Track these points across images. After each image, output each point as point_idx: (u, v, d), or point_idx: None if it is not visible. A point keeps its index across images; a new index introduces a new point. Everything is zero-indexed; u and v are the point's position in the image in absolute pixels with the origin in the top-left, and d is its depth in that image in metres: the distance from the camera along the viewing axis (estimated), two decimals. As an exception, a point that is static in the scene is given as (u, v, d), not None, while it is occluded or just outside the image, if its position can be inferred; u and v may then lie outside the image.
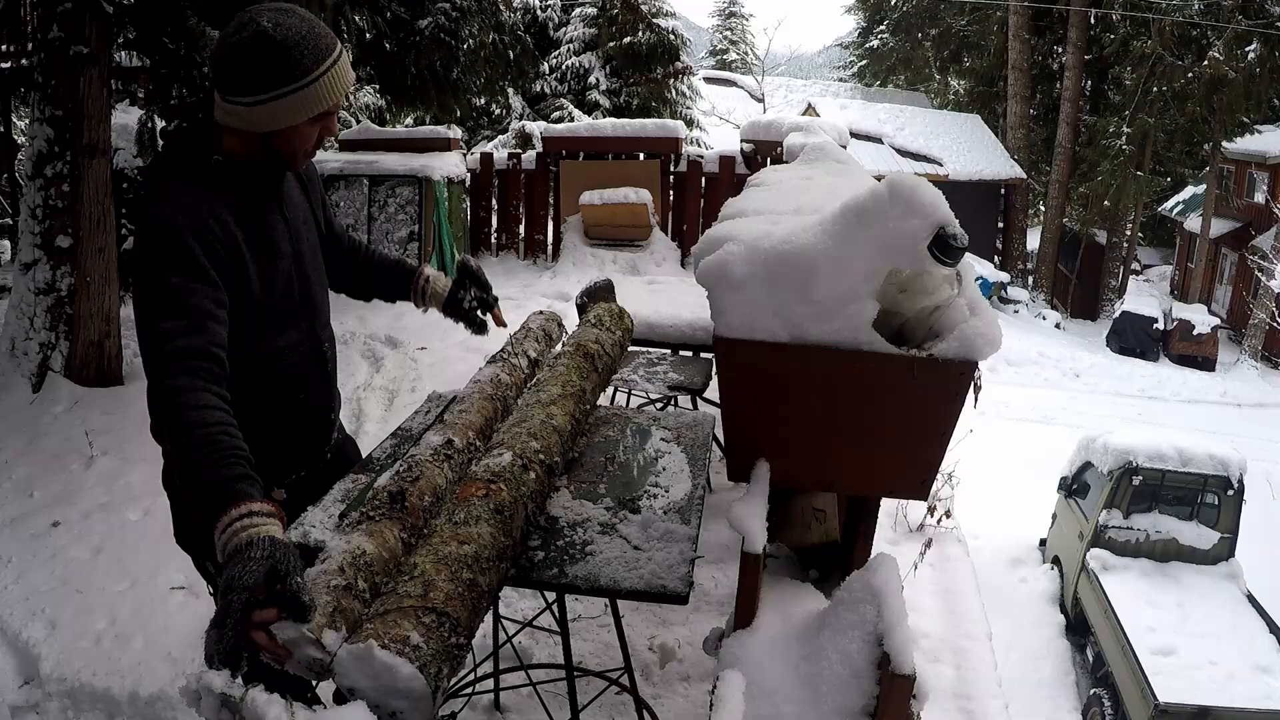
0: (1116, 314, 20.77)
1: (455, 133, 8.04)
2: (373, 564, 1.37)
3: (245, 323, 1.67)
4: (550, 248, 7.93)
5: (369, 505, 1.51)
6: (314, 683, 1.40)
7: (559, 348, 2.40)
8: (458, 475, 1.71)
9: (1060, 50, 25.44)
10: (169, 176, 1.63)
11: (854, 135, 17.11)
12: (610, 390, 3.77)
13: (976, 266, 18.15)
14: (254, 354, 1.72)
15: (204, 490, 1.36)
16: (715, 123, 20.89)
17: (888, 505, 3.64)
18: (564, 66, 16.39)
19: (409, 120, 12.00)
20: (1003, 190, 24.16)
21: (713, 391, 2.72)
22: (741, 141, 7.70)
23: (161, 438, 1.63)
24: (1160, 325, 19.92)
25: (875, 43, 35.25)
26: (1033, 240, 25.78)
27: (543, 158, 7.85)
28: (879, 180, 1.69)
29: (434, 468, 1.66)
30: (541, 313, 2.53)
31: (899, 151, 23.09)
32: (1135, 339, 19.72)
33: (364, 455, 2.14)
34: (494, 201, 8.12)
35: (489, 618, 2.42)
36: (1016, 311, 21.58)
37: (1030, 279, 24.82)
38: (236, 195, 1.66)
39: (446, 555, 1.42)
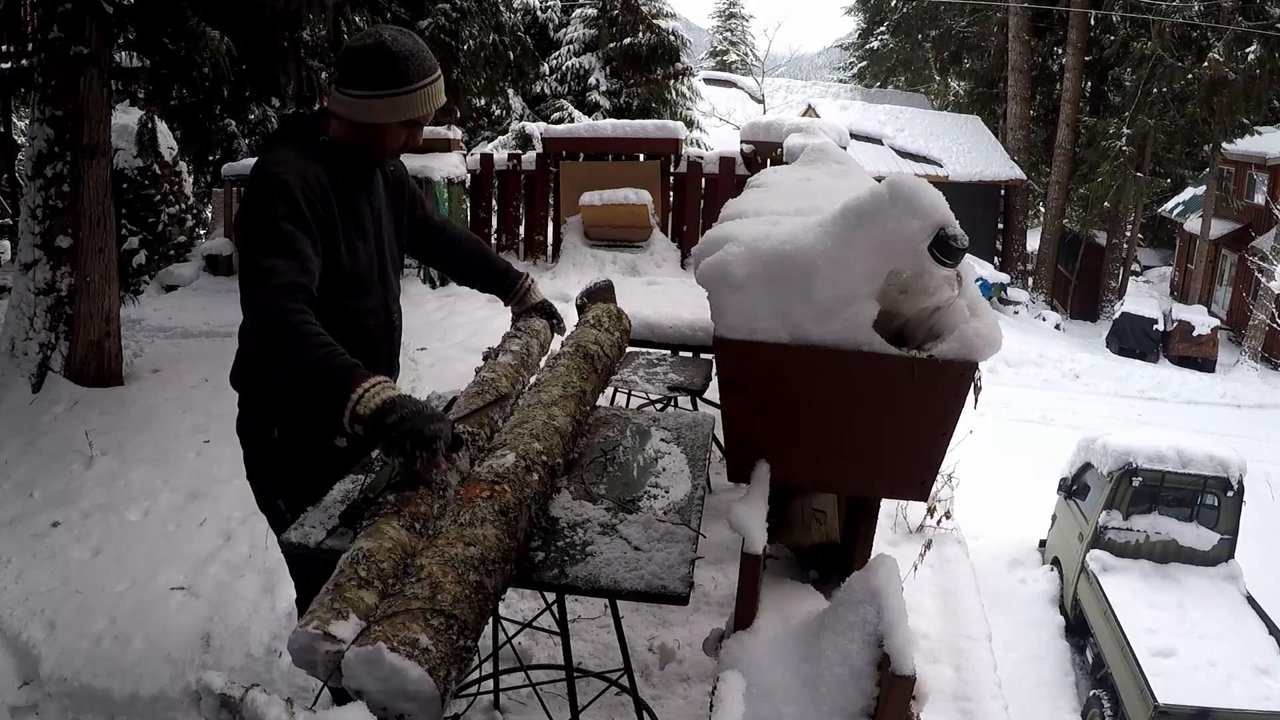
0: (1116, 315, 20.75)
1: (455, 133, 8.02)
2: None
3: (332, 281, 1.92)
4: (550, 248, 7.92)
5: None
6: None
7: (557, 348, 2.41)
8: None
9: (1060, 51, 25.44)
10: (283, 144, 1.95)
11: (854, 136, 17.12)
12: (610, 391, 3.77)
13: (976, 268, 18.15)
14: (339, 310, 1.95)
15: (330, 377, 1.63)
16: (715, 124, 20.89)
17: (888, 505, 3.64)
18: (564, 67, 16.39)
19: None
20: (1002, 191, 24.16)
21: (713, 392, 2.72)
22: (741, 142, 7.69)
23: (268, 359, 1.80)
24: (1160, 326, 19.91)
25: (875, 44, 35.28)
26: (1032, 241, 25.79)
27: (543, 158, 7.85)
28: (879, 181, 1.69)
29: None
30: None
31: (899, 152, 23.10)
32: (1135, 340, 19.70)
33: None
34: (494, 202, 8.11)
35: (489, 618, 2.42)
36: (1016, 312, 21.58)
37: (1030, 280, 24.83)
38: (334, 171, 1.95)
39: (453, 557, 1.42)
